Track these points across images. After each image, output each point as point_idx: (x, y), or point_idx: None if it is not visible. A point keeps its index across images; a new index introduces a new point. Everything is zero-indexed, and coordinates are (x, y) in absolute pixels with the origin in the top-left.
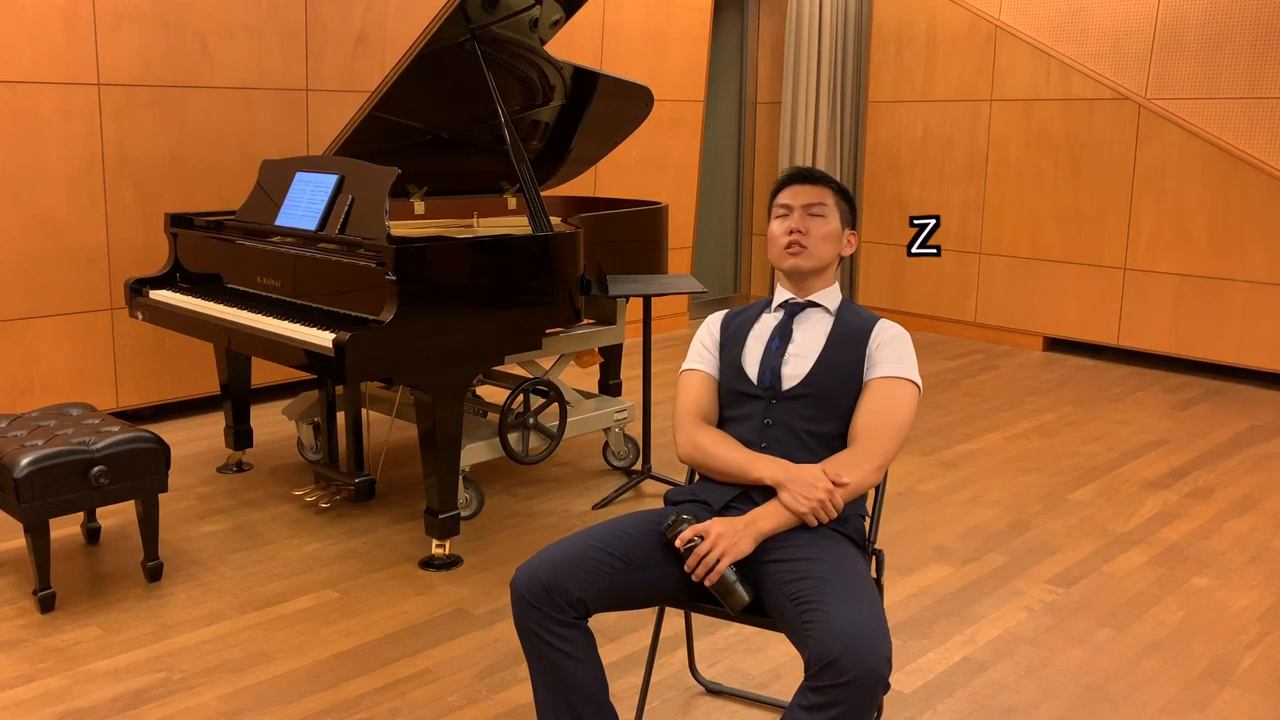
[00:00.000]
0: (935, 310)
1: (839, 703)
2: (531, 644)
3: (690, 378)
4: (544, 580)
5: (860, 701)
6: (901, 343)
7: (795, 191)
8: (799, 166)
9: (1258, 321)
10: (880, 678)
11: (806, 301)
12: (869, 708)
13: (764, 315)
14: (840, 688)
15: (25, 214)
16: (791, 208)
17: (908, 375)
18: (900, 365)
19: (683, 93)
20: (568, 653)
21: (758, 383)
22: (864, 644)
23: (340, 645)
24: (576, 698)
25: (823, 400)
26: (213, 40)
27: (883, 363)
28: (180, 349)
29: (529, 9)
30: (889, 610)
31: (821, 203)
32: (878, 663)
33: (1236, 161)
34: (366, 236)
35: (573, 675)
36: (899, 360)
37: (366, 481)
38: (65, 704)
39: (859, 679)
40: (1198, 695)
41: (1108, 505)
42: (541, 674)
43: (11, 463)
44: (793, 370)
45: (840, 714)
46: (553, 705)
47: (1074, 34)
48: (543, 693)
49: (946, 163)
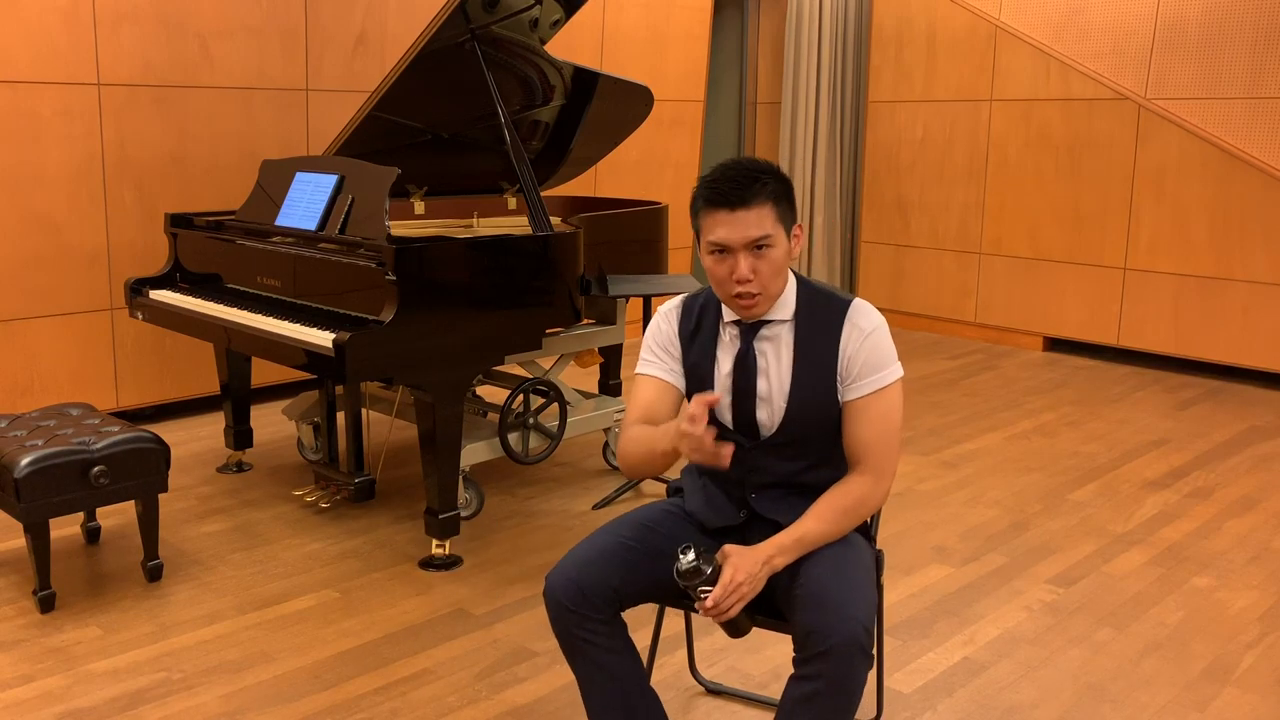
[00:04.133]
0: (935, 310)
1: (821, 675)
2: (575, 648)
3: (644, 384)
4: (577, 580)
5: (840, 671)
6: (873, 343)
7: (730, 223)
8: (725, 170)
9: (1258, 321)
10: (858, 645)
11: (761, 322)
12: (850, 680)
13: (720, 331)
14: (820, 658)
15: (25, 214)
16: (731, 248)
17: (890, 380)
18: (881, 374)
19: (683, 93)
20: (611, 648)
21: (733, 428)
22: (842, 611)
23: (340, 645)
24: (626, 689)
25: (803, 442)
26: (213, 40)
27: (864, 379)
28: (180, 349)
29: (529, 9)
30: (889, 610)
31: (765, 234)
32: (856, 631)
33: (1236, 161)
34: (366, 236)
35: (620, 668)
36: (878, 367)
37: (366, 481)
38: (65, 704)
39: (836, 646)
40: (1198, 695)
41: (1108, 505)
42: (589, 675)
43: (11, 463)
44: (766, 417)
45: (823, 688)
46: (604, 703)
47: (1074, 34)
48: (595, 695)
49: (946, 163)
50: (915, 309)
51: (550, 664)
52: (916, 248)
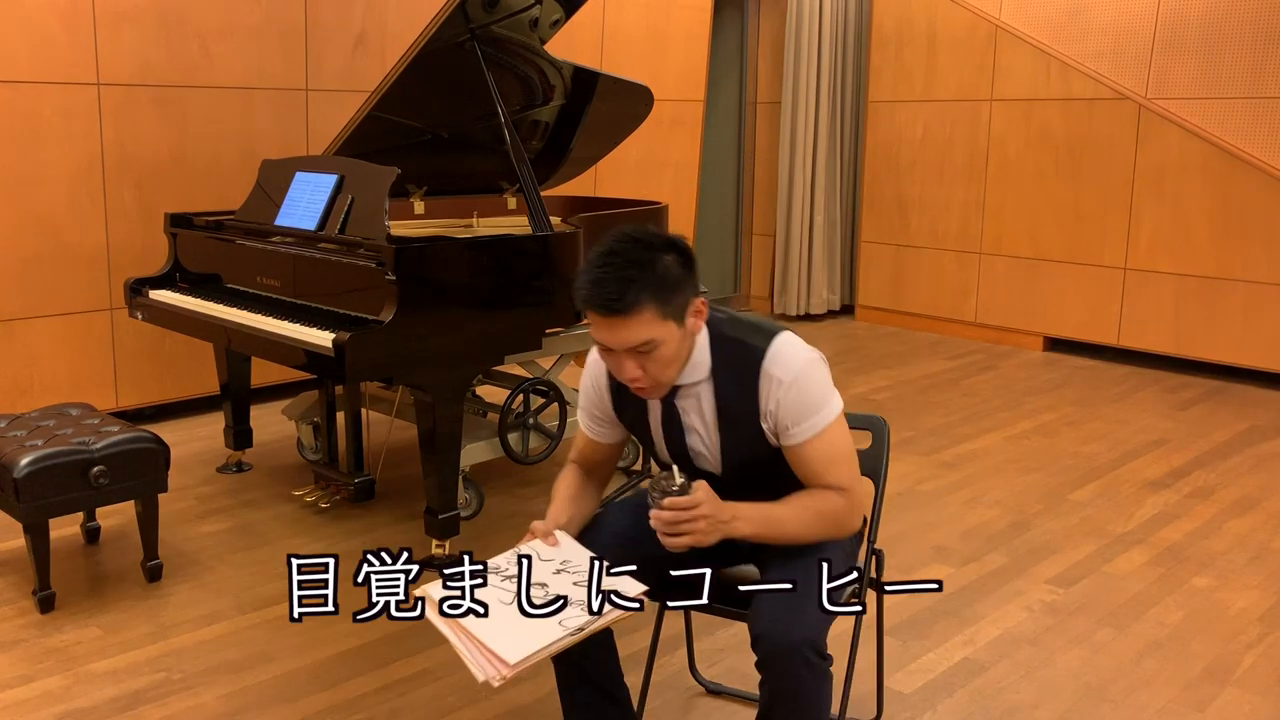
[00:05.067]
0: (935, 310)
1: (768, 682)
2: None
3: (580, 436)
4: None
5: (784, 683)
6: (797, 392)
7: (609, 328)
8: (600, 271)
9: (1258, 321)
10: (800, 658)
11: (675, 387)
12: (802, 692)
13: None
14: (765, 664)
15: (25, 214)
16: (613, 349)
17: (826, 423)
18: (814, 420)
19: (683, 93)
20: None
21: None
22: (782, 617)
23: (340, 645)
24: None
25: (747, 482)
26: (213, 40)
27: (796, 426)
28: (180, 349)
29: (529, 9)
30: (889, 610)
31: (646, 340)
32: (797, 643)
33: (1237, 161)
34: (366, 236)
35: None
36: (809, 413)
37: (366, 481)
38: (65, 704)
39: (775, 653)
40: (1198, 695)
41: (1108, 505)
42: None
43: (11, 463)
44: (705, 466)
45: (778, 689)
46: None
47: (1074, 34)
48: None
49: (946, 163)
50: (915, 309)
51: (550, 664)
52: (916, 247)
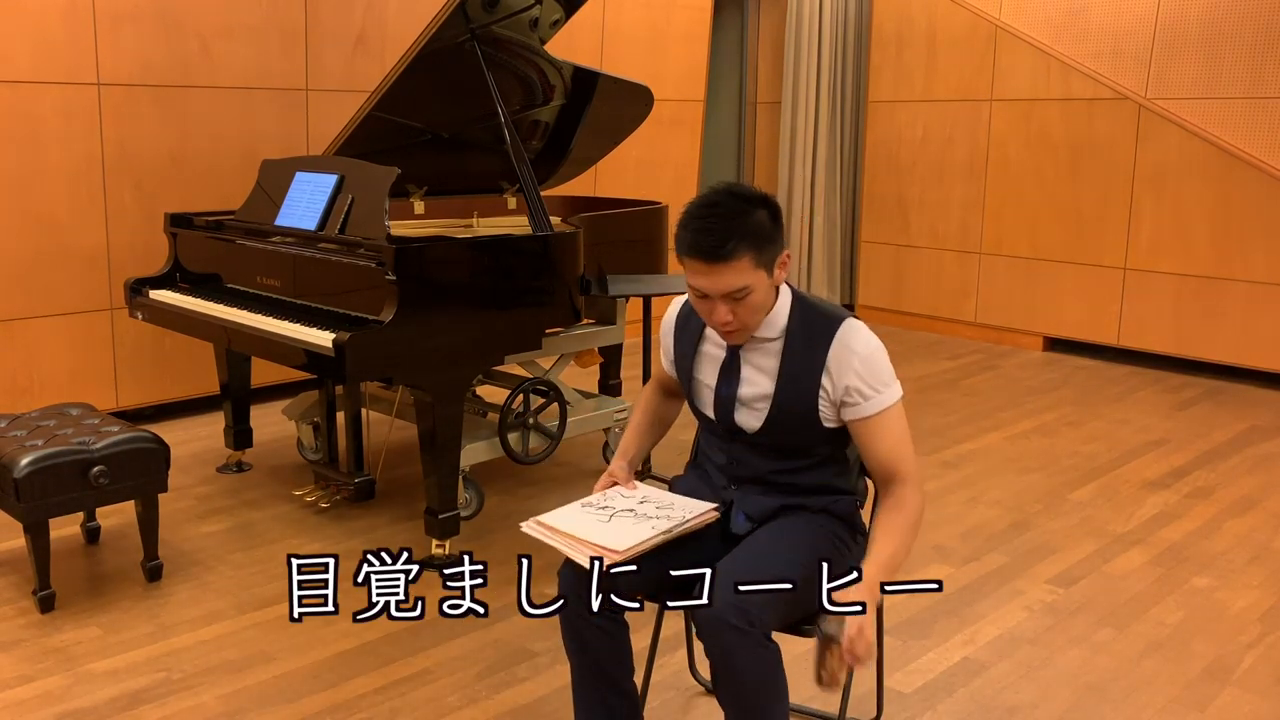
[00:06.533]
0: (935, 310)
1: (708, 651)
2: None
3: (656, 364)
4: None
5: (719, 642)
6: (870, 367)
7: (708, 274)
8: (703, 219)
9: (1258, 321)
10: (718, 617)
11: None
12: (733, 660)
13: (706, 336)
14: (700, 633)
15: (25, 214)
16: (709, 295)
17: (892, 401)
18: (882, 395)
19: (682, 92)
20: (602, 628)
21: (716, 420)
22: (717, 593)
23: (340, 645)
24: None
25: (782, 446)
26: (213, 40)
27: (865, 401)
28: (180, 349)
29: (529, 9)
30: (889, 610)
31: (742, 286)
32: (723, 606)
33: (1237, 161)
34: (366, 236)
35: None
36: (877, 389)
37: (366, 481)
38: (65, 704)
39: (704, 622)
40: (1198, 695)
41: (1108, 505)
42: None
43: (11, 463)
44: (747, 420)
45: (715, 661)
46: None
47: (1074, 34)
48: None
49: (946, 163)
50: (915, 309)
51: (550, 664)
52: (916, 247)
